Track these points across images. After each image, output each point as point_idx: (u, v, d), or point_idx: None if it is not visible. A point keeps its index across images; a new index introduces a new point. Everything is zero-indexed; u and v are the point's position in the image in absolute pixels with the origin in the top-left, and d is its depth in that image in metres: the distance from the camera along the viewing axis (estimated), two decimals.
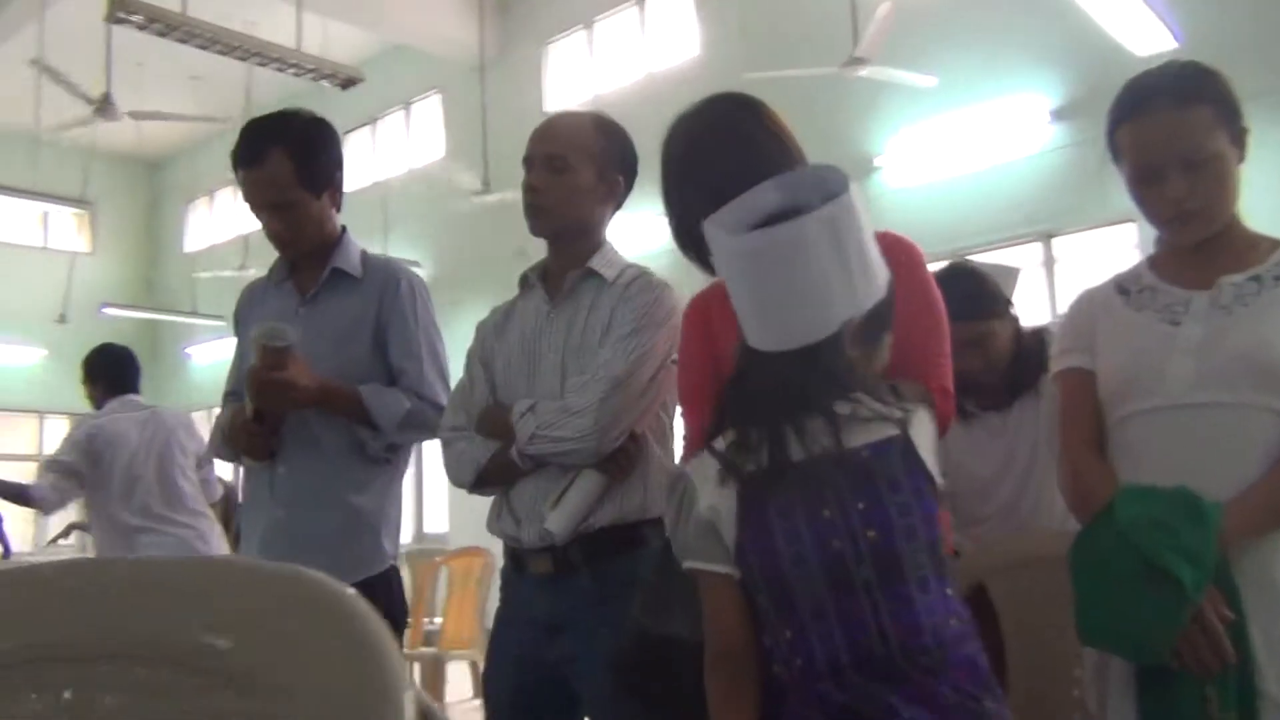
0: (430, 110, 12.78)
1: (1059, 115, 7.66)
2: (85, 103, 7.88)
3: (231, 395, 2.45)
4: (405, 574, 6.24)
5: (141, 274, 15.95)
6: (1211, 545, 1.55)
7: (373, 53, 12.32)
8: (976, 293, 2.51)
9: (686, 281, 1.99)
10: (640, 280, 2.10)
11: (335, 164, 2.39)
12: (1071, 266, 7.70)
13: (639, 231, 9.78)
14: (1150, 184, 1.72)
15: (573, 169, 2.11)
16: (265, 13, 9.52)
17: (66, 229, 15.42)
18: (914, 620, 1.37)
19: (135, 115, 7.90)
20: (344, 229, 2.45)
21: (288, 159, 2.28)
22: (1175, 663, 1.57)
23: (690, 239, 1.84)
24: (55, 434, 14.47)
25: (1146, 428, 1.73)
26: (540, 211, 2.13)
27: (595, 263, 2.14)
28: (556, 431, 1.97)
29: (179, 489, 4.30)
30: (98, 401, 4.50)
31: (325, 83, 7.40)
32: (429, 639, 5.87)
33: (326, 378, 2.26)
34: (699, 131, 1.81)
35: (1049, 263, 7.86)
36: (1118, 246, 7.13)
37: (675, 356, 2.07)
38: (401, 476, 2.43)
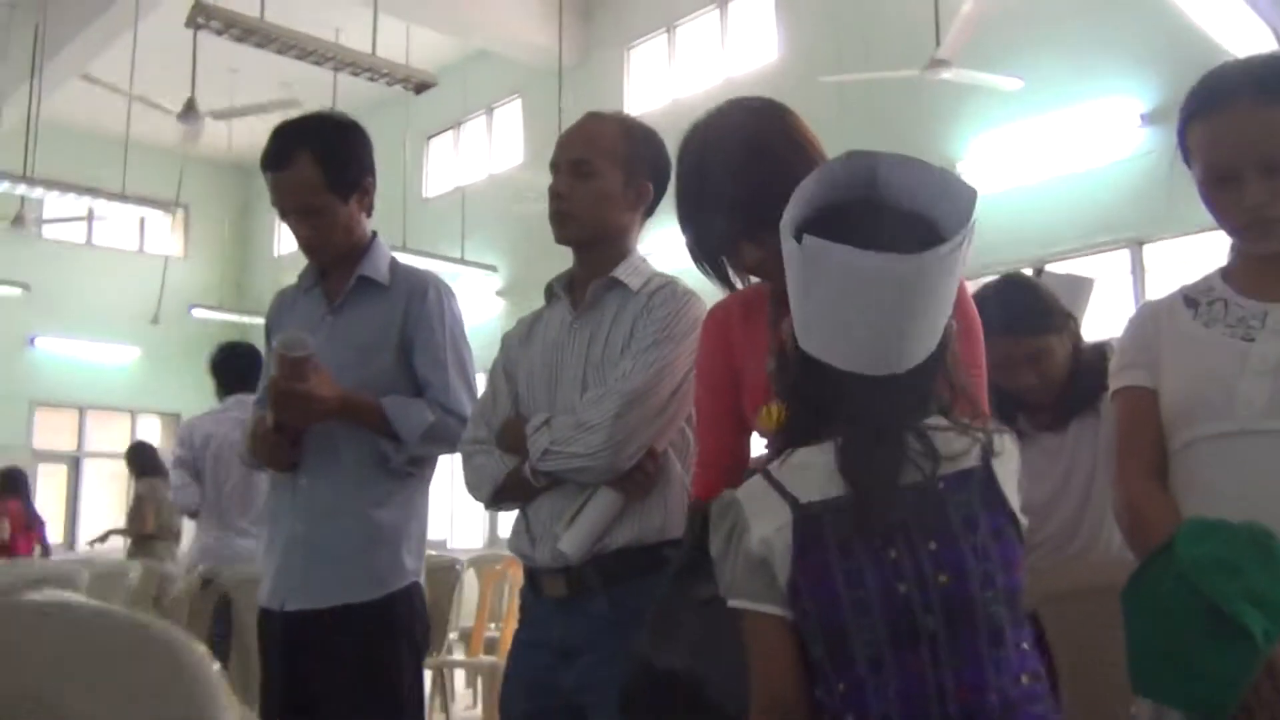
0: (512, 115, 12.86)
1: (1151, 119, 7.37)
2: (176, 114, 8.06)
3: (261, 404, 2.43)
4: (471, 579, 6.26)
5: (232, 277, 16.35)
6: None
7: (455, 58, 12.45)
8: (1032, 307, 2.38)
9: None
10: (665, 290, 2.02)
11: (364, 168, 2.35)
12: (1162, 275, 7.40)
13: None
14: (1225, 187, 1.56)
15: (599, 174, 2.04)
16: (349, 18, 9.65)
17: (161, 233, 15.87)
18: (979, 678, 1.23)
19: (216, 115, 8.05)
20: (374, 235, 2.41)
21: (315, 163, 2.25)
22: (1242, 719, 1.41)
23: (705, 253, 1.74)
24: (146, 432, 14.95)
25: (1214, 455, 1.57)
26: (565, 218, 2.05)
27: (620, 272, 2.06)
28: (569, 447, 1.89)
29: (257, 496, 4.28)
30: (222, 400, 4.51)
31: (401, 87, 7.45)
32: (490, 647, 5.83)
33: (348, 388, 2.22)
34: (713, 141, 1.70)
35: (1138, 271, 7.57)
36: (1210, 255, 6.82)
37: None
38: (426, 490, 2.38)
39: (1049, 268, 4.81)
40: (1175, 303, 1.71)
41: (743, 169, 1.63)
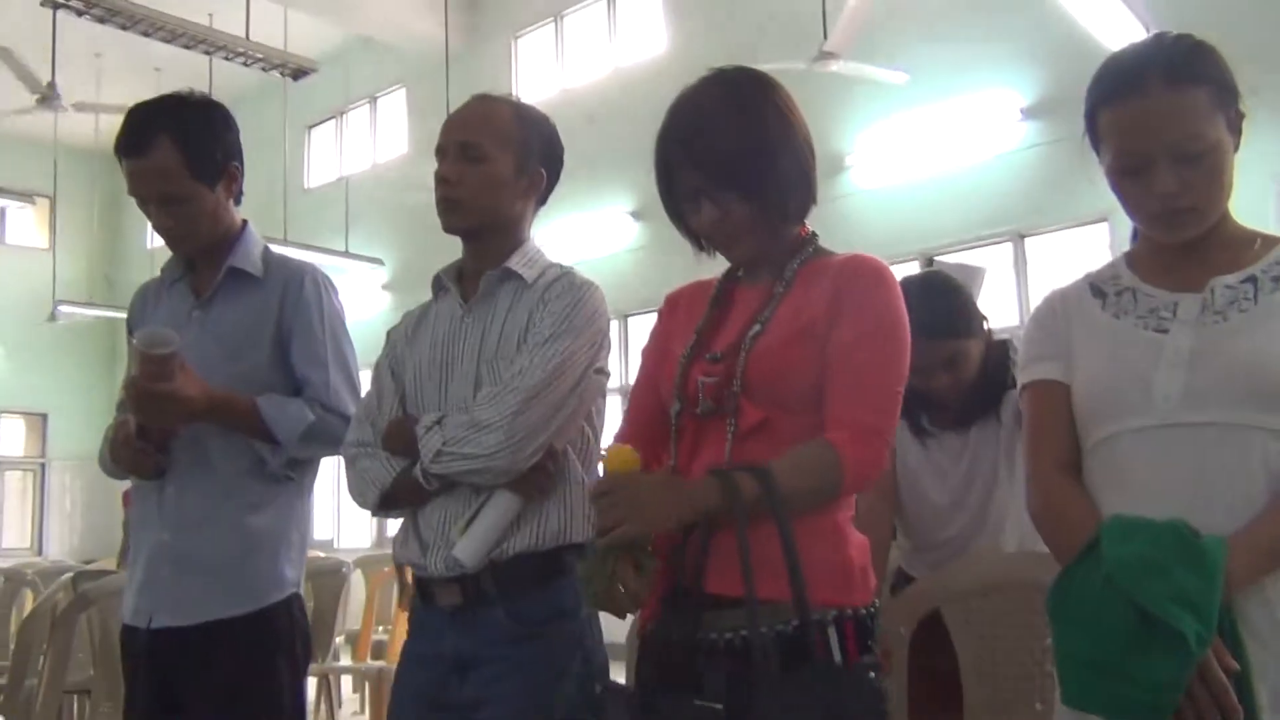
0: (396, 105, 12.57)
1: (1031, 113, 7.52)
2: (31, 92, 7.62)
3: (122, 407, 2.24)
4: (358, 581, 6.06)
5: (101, 271, 15.59)
6: (1215, 590, 1.33)
7: (336, 45, 12.11)
8: (953, 309, 2.32)
9: (660, 279, 1.81)
10: (561, 281, 1.92)
11: (230, 152, 2.18)
12: (1043, 268, 7.56)
13: (607, 229, 9.56)
14: (1136, 176, 1.49)
15: (489, 158, 1.93)
16: (223, 3, 9.27)
17: (25, 225, 15.09)
18: None
19: (79, 107, 7.64)
20: (245, 223, 2.25)
21: (176, 147, 2.08)
22: None
23: (675, 210, 1.68)
24: (8, 433, 14.18)
25: (1133, 450, 1.50)
26: (454, 205, 1.93)
27: (514, 262, 1.95)
28: (465, 448, 1.78)
29: None
30: None
31: (278, 73, 7.16)
32: (378, 651, 5.66)
33: (219, 388, 2.05)
34: (698, 100, 1.63)
35: (1020, 264, 7.72)
36: (1090, 247, 7.00)
37: (600, 365, 1.90)
38: (308, 495, 2.23)
39: (938, 259, 4.83)
40: (1082, 292, 1.65)
41: (721, 126, 1.59)
